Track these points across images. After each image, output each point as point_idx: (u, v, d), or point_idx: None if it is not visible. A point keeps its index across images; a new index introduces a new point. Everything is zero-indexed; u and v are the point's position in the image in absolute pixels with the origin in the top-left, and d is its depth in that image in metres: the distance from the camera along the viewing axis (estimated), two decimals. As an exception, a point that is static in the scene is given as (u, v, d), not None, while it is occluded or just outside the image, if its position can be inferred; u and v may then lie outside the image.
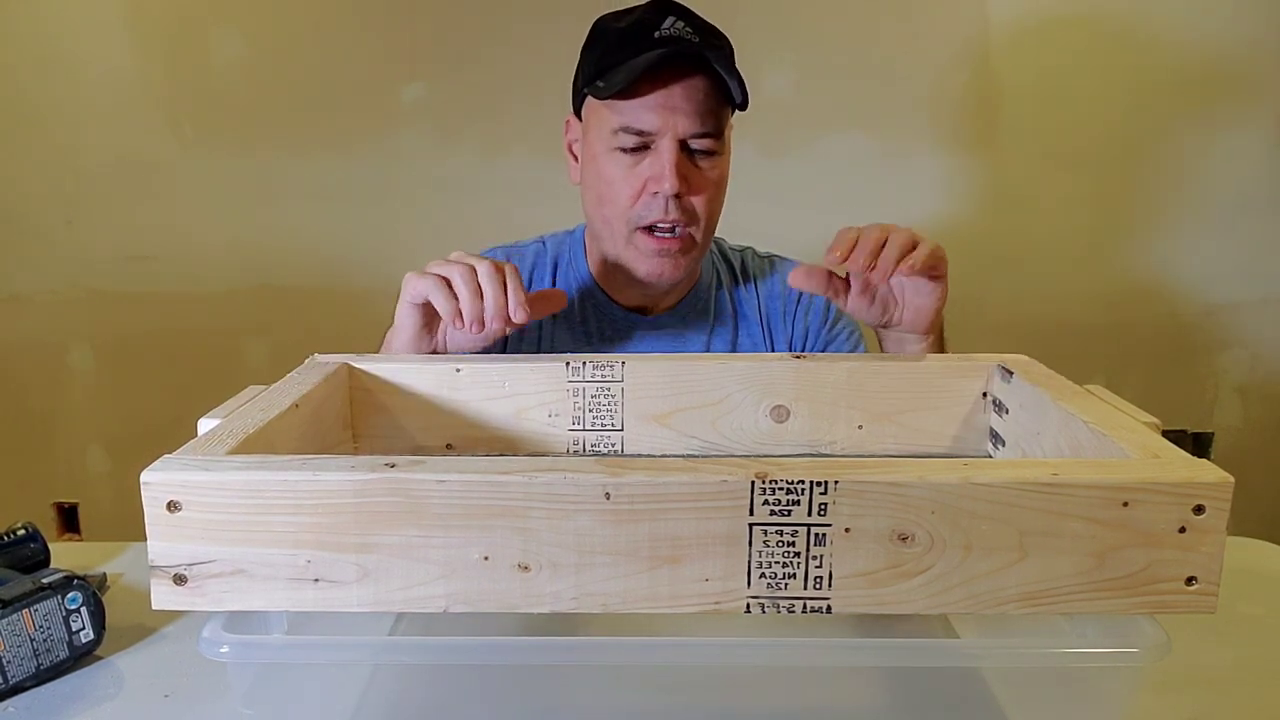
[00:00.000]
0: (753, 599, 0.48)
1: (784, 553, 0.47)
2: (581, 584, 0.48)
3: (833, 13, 1.85)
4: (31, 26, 1.88)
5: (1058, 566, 0.47)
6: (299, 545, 0.48)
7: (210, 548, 0.48)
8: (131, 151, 1.92)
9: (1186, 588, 0.47)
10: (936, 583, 0.47)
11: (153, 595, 0.49)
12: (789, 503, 0.47)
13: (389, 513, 0.47)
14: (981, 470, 0.47)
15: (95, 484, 2.06)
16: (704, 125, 0.90)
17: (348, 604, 0.48)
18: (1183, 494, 0.47)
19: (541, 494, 0.47)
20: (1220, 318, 1.96)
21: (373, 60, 1.88)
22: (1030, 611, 0.48)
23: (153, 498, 0.48)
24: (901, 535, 0.47)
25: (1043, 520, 0.47)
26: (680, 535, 0.47)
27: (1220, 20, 1.83)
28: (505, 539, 0.48)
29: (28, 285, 1.99)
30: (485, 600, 0.48)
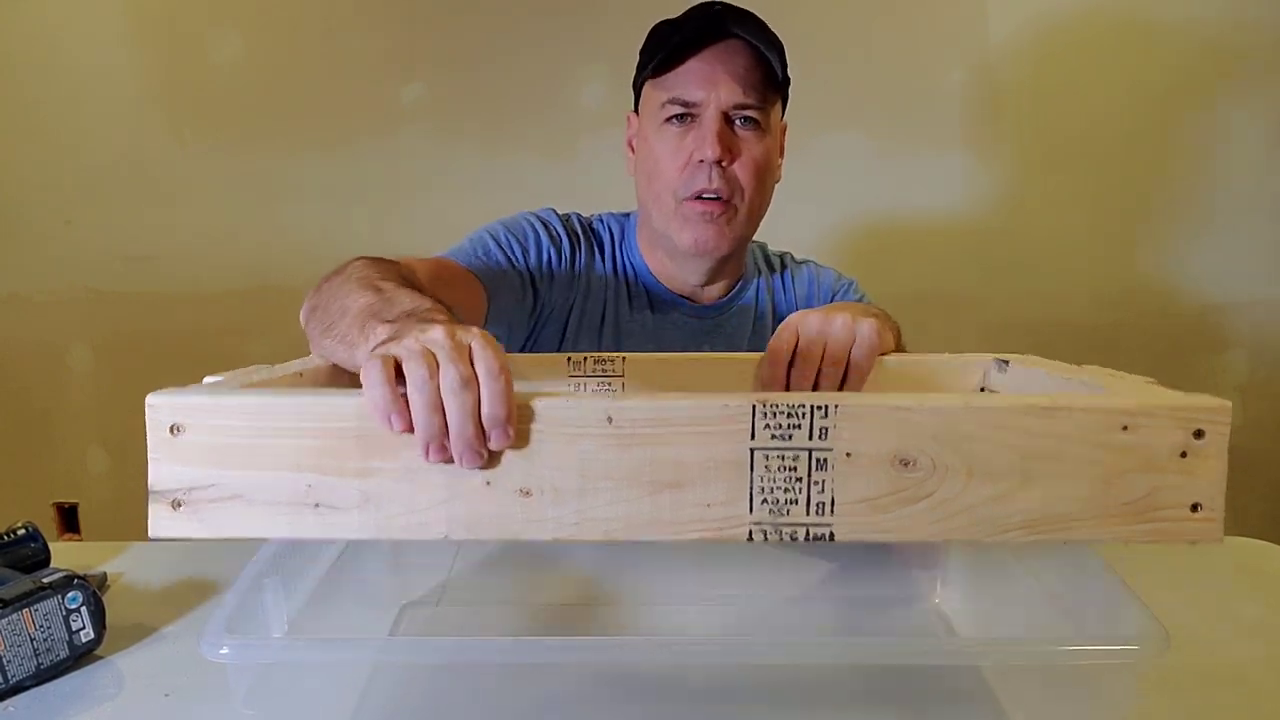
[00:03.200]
0: (755, 525, 0.47)
1: (786, 477, 0.47)
2: (583, 509, 0.47)
3: (832, 12, 1.85)
4: (31, 27, 1.88)
5: (1061, 492, 0.47)
6: (300, 469, 0.47)
7: (210, 471, 0.47)
8: (131, 151, 1.92)
9: (1191, 514, 0.47)
10: (939, 509, 0.47)
11: (150, 522, 0.48)
12: (790, 426, 0.47)
13: (393, 436, 0.47)
14: (982, 397, 0.48)
15: (95, 484, 2.06)
16: (746, 96, 0.94)
17: (347, 530, 0.48)
18: (1182, 418, 0.47)
19: (544, 418, 0.47)
20: (1220, 318, 1.96)
21: (373, 60, 1.88)
22: (1035, 539, 0.47)
23: (156, 421, 0.47)
24: (903, 460, 0.47)
25: (1044, 444, 0.47)
26: (682, 460, 0.47)
27: (1220, 21, 1.83)
28: (507, 462, 0.47)
29: (28, 285, 1.99)
30: (486, 526, 0.48)
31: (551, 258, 1.02)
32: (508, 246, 1.00)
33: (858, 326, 0.75)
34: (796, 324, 0.77)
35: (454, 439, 0.47)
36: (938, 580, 0.85)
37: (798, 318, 0.78)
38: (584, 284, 1.04)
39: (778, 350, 0.76)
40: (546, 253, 1.02)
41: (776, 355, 0.76)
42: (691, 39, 0.95)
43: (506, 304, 0.96)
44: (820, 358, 0.75)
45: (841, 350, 0.75)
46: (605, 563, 0.89)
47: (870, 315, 0.78)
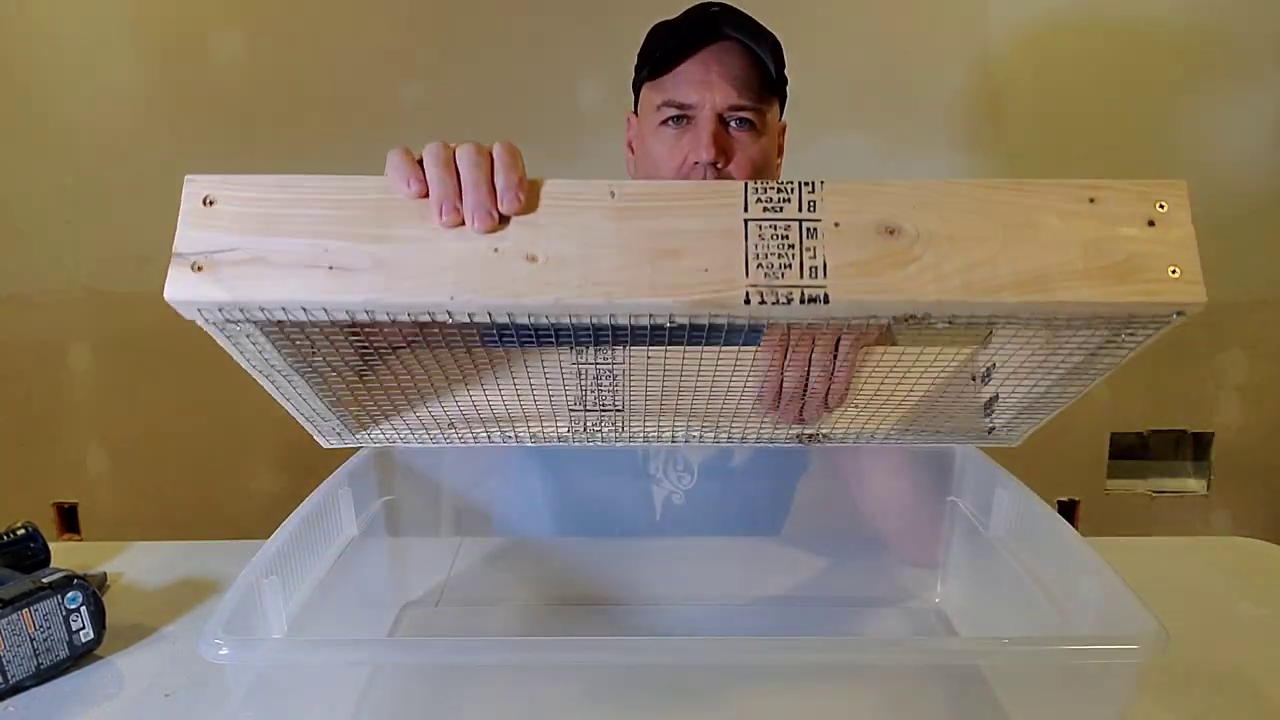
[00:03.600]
0: (751, 287, 0.49)
1: (779, 245, 0.50)
2: (587, 273, 0.50)
3: (832, 12, 1.85)
4: (32, 27, 1.88)
5: (1045, 255, 0.50)
6: (320, 236, 0.50)
7: (235, 238, 0.50)
8: (131, 151, 1.92)
9: (1171, 277, 0.50)
10: (928, 271, 0.49)
11: (167, 284, 0.49)
12: (780, 201, 0.50)
13: (410, 207, 0.50)
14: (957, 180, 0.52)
15: (95, 484, 2.06)
16: (741, 98, 0.95)
17: (357, 290, 0.49)
18: (1141, 192, 0.50)
19: (551, 193, 0.51)
20: (1220, 318, 1.96)
21: (373, 60, 1.88)
22: (1026, 299, 0.49)
23: (191, 194, 0.50)
24: (889, 228, 0.50)
25: (1019, 213, 0.50)
26: (680, 230, 0.50)
27: (1220, 21, 1.83)
28: (514, 231, 0.50)
29: (28, 285, 1.99)
30: (492, 289, 0.49)
31: None
32: None
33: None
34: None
35: (466, 198, 0.51)
36: (938, 580, 0.85)
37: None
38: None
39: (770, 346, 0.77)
40: None
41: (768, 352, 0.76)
42: (686, 41, 0.95)
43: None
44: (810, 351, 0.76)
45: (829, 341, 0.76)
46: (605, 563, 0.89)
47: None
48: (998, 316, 0.51)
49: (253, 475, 2.04)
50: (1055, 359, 0.60)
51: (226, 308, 0.50)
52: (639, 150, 1.03)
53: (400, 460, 0.85)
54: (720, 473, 0.98)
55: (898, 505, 0.89)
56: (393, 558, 0.84)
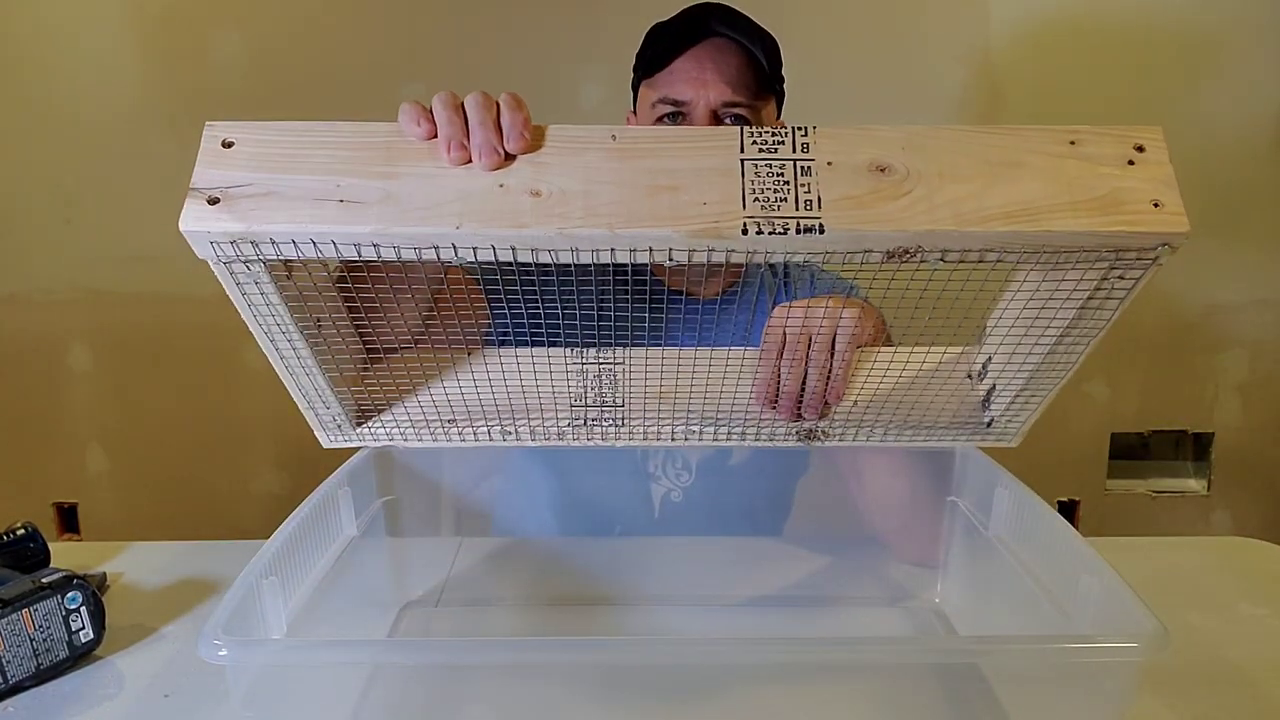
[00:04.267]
0: (749, 219, 0.51)
1: (774, 182, 0.52)
2: (589, 206, 0.51)
3: (833, 12, 1.85)
4: (32, 27, 1.88)
5: (1032, 189, 0.52)
6: (332, 172, 0.52)
7: (250, 174, 0.52)
8: (131, 151, 1.92)
9: (1154, 209, 0.52)
10: (919, 204, 0.51)
11: (183, 216, 0.51)
12: (775, 143, 0.53)
13: (417, 147, 0.53)
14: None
15: (95, 484, 2.06)
16: (735, 95, 0.95)
17: (365, 221, 0.51)
18: (1119, 135, 0.53)
19: (554, 136, 0.53)
20: (1220, 318, 1.96)
21: (373, 60, 1.88)
22: (1016, 229, 0.51)
23: (211, 136, 0.52)
24: (879, 166, 0.52)
25: (1004, 154, 0.52)
26: (678, 168, 0.52)
27: (1220, 21, 1.83)
28: (519, 169, 0.53)
29: (28, 285, 1.99)
30: (497, 218, 0.51)
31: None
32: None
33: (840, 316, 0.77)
34: (782, 320, 0.78)
35: (473, 136, 0.54)
36: (937, 580, 0.85)
37: (781, 312, 0.79)
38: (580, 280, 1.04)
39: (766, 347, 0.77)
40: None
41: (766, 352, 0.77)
42: (680, 39, 0.96)
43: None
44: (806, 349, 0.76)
45: (827, 341, 0.76)
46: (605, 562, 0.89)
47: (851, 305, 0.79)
48: (988, 249, 0.52)
49: (253, 475, 2.04)
50: (1048, 312, 0.61)
51: (239, 240, 0.51)
52: None
53: (400, 460, 0.85)
54: (719, 471, 0.98)
55: (898, 505, 0.89)
56: (393, 558, 0.84)
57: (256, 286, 0.55)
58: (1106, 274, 0.55)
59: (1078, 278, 0.56)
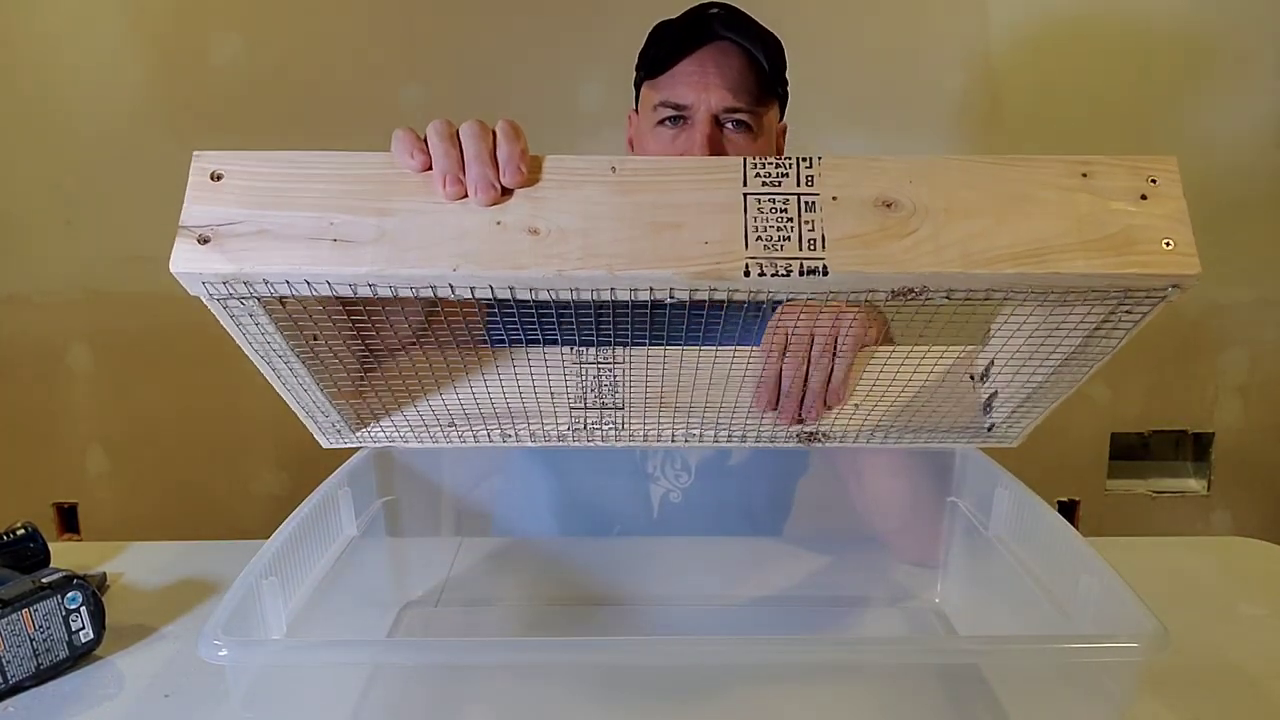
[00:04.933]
0: (750, 259, 0.50)
1: (778, 218, 0.51)
2: (588, 245, 0.50)
3: (833, 13, 1.85)
4: (32, 27, 1.88)
5: (1041, 228, 0.50)
6: (325, 209, 0.51)
7: (240, 210, 0.50)
8: (131, 151, 1.92)
9: (1165, 249, 0.50)
10: (926, 243, 0.50)
11: (173, 257, 0.50)
12: (779, 175, 0.52)
13: (414, 180, 0.51)
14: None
15: (95, 484, 2.06)
16: (737, 100, 0.95)
17: (360, 262, 0.50)
18: (1133, 167, 0.52)
19: (553, 168, 0.52)
20: (1220, 318, 1.96)
21: (372, 60, 1.88)
22: (1024, 271, 0.50)
23: (200, 168, 0.51)
24: (885, 202, 0.51)
25: (1014, 187, 0.51)
26: (680, 203, 0.51)
27: (1220, 21, 1.83)
28: (517, 205, 0.51)
29: (28, 285, 1.99)
30: (495, 260, 0.50)
31: None
32: None
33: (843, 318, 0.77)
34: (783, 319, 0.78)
35: (469, 170, 0.52)
36: (937, 580, 0.85)
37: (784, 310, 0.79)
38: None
39: (768, 348, 0.77)
40: None
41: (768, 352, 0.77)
42: (683, 41, 0.95)
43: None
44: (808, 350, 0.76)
45: (830, 342, 0.76)
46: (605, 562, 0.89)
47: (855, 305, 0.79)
48: (995, 289, 0.51)
49: (253, 475, 2.04)
50: (1053, 341, 0.61)
51: (231, 280, 0.50)
52: (637, 148, 1.04)
53: (400, 460, 0.85)
54: (718, 472, 0.98)
55: (898, 505, 0.89)
56: (392, 558, 0.84)
57: (250, 317, 0.55)
58: (1114, 309, 0.55)
59: (1084, 312, 0.55)
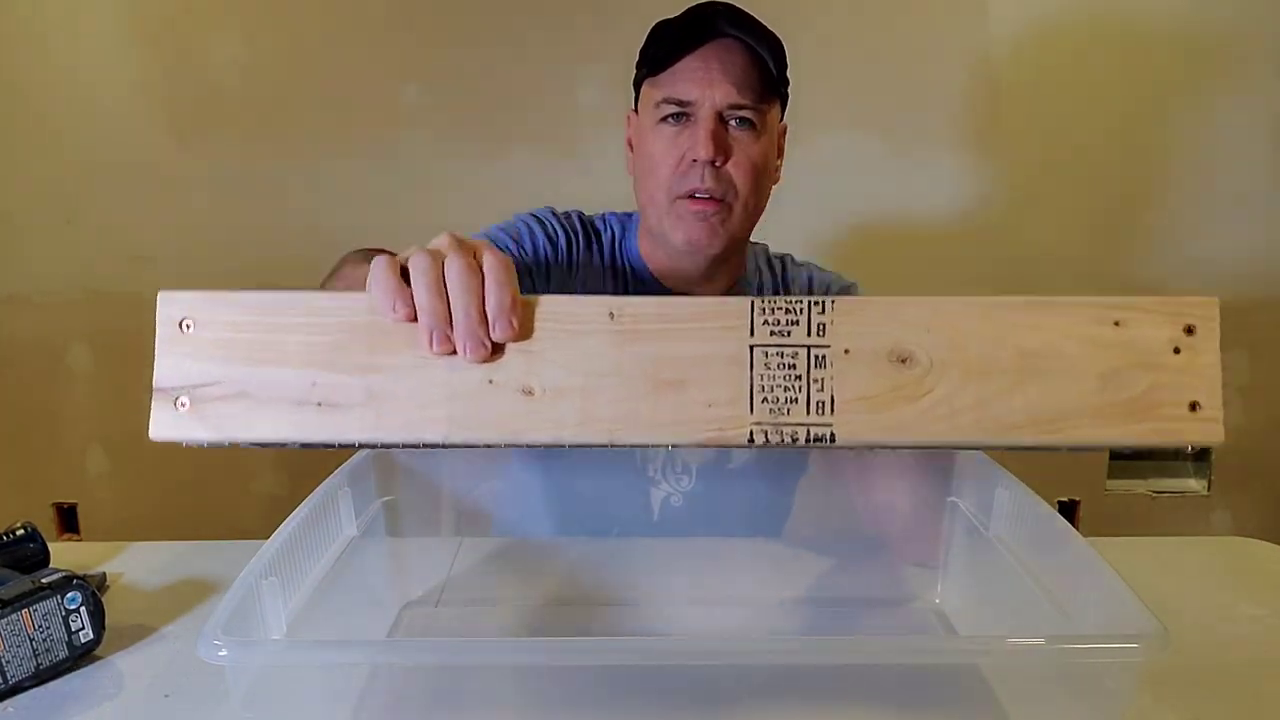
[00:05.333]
0: (756, 426, 0.48)
1: (785, 375, 0.48)
2: (586, 409, 0.48)
3: (833, 12, 1.85)
4: (32, 27, 1.88)
5: (1061, 390, 0.47)
6: (306, 366, 0.47)
7: (216, 368, 0.48)
8: (131, 151, 1.92)
9: (1190, 414, 0.48)
10: (940, 406, 0.47)
11: (152, 423, 0.48)
12: (789, 323, 0.48)
13: (399, 331, 0.47)
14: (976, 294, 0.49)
15: (95, 484, 2.06)
16: (741, 97, 0.94)
17: (349, 429, 0.48)
18: (1171, 313, 0.48)
19: (547, 314, 0.48)
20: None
21: (373, 60, 1.88)
22: (1039, 440, 0.47)
23: (166, 316, 0.48)
24: (900, 357, 0.47)
25: (1038, 338, 0.48)
26: (683, 356, 0.48)
27: (1219, 21, 1.83)
28: (509, 360, 0.48)
29: (28, 285, 1.99)
30: (488, 428, 0.48)
31: (547, 253, 1.03)
32: (503, 245, 1.00)
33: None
34: None
35: (457, 328, 0.47)
36: (938, 580, 0.85)
37: None
38: (580, 280, 1.04)
39: None
40: (543, 250, 1.02)
41: None
42: (687, 38, 0.95)
43: None
44: None
45: None
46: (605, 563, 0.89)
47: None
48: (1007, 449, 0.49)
49: (253, 475, 2.04)
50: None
51: (215, 444, 0.48)
52: (637, 148, 1.03)
53: (400, 460, 0.85)
54: (718, 474, 0.98)
55: (898, 505, 0.89)
56: (392, 558, 0.84)
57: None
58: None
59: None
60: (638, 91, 1.04)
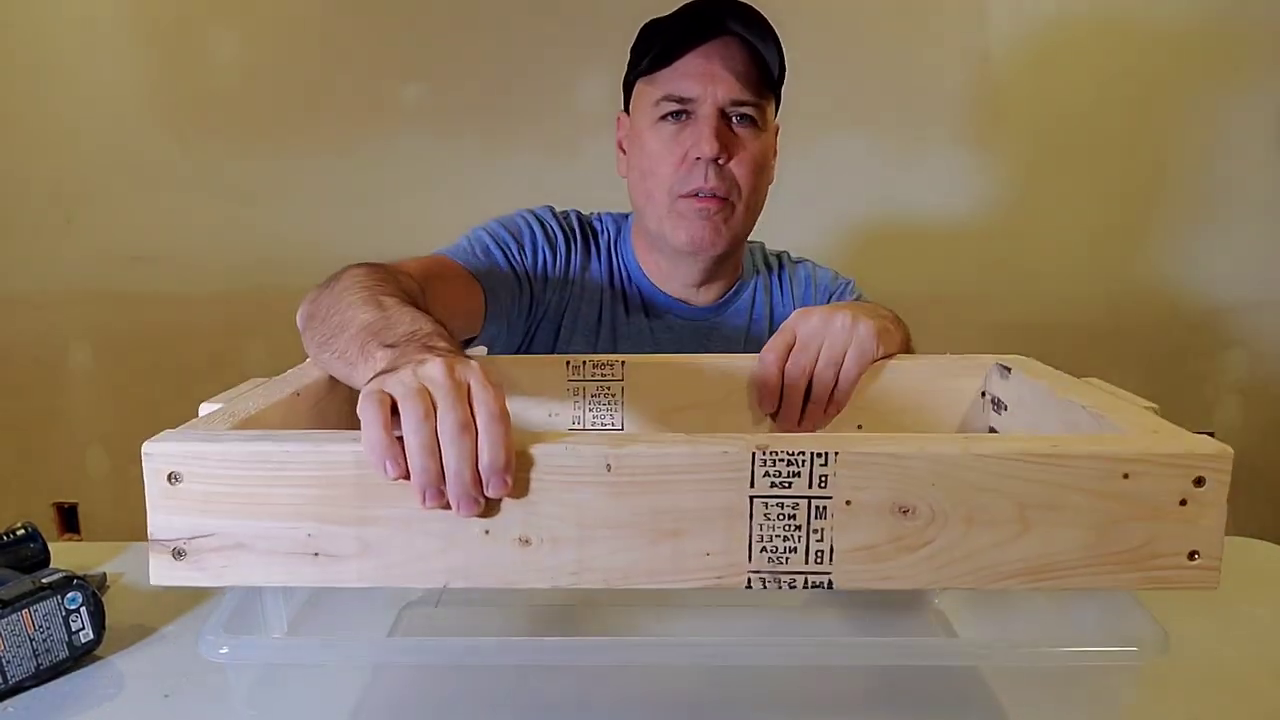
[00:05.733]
0: (754, 573, 0.48)
1: (785, 526, 0.47)
2: (583, 559, 0.47)
3: (833, 12, 1.85)
4: (32, 27, 1.88)
5: (1059, 540, 0.47)
6: (300, 518, 0.47)
7: (210, 520, 0.47)
8: (131, 151, 1.92)
9: (1188, 562, 0.47)
10: (939, 556, 0.47)
11: (151, 570, 0.48)
12: (790, 474, 0.46)
13: (391, 484, 0.47)
14: (982, 443, 0.47)
15: (95, 484, 2.06)
16: (743, 93, 0.93)
17: (347, 578, 0.48)
18: (1182, 465, 0.46)
19: (543, 465, 0.47)
20: (1220, 318, 1.96)
21: (373, 60, 1.88)
22: (1032, 587, 0.47)
23: (154, 470, 0.47)
24: (903, 508, 0.47)
25: (1043, 492, 0.46)
26: (681, 508, 0.47)
27: (1221, 21, 1.83)
28: (505, 511, 0.47)
29: (28, 285, 1.99)
30: (485, 575, 0.48)
31: (547, 258, 1.01)
32: (504, 245, 0.99)
33: (856, 329, 0.75)
34: (795, 321, 0.78)
35: (450, 486, 0.46)
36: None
37: (799, 315, 0.78)
38: (579, 285, 1.03)
39: (774, 349, 0.76)
40: (542, 253, 1.01)
41: (773, 354, 0.76)
42: (688, 33, 0.93)
43: (504, 303, 0.96)
44: (815, 357, 0.75)
45: (837, 352, 0.75)
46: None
47: (873, 317, 0.78)
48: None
49: (253, 475, 2.04)
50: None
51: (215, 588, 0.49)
52: (632, 148, 1.01)
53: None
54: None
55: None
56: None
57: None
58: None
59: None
60: (629, 92, 1.02)
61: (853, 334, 0.75)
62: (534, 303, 1.00)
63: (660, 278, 1.04)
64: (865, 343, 0.75)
